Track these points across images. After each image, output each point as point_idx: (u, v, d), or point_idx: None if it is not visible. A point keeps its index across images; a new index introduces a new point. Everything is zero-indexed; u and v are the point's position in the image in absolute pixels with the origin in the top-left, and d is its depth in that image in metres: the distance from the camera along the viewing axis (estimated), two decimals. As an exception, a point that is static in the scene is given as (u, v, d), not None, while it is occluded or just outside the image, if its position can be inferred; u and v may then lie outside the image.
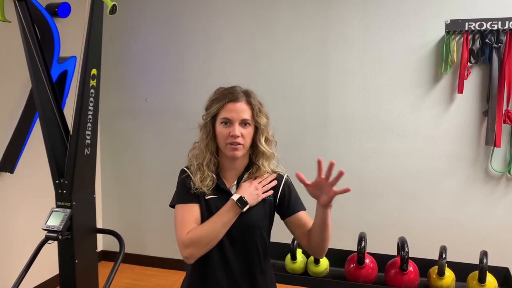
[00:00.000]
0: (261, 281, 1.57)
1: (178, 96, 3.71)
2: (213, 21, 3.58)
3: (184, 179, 1.56)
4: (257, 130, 1.55)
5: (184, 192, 1.54)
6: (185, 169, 1.58)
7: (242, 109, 1.49)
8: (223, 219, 1.47)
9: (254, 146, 1.57)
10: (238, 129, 1.48)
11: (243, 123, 1.50)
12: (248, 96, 1.53)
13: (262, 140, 1.56)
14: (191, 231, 1.46)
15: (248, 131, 1.51)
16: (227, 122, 1.49)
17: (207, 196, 1.52)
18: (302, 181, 1.42)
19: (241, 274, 1.53)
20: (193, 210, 1.51)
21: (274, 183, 1.58)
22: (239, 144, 1.49)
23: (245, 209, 1.48)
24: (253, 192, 1.51)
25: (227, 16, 3.54)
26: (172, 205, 1.56)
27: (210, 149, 1.54)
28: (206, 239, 1.45)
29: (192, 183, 1.52)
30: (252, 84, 1.63)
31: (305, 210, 1.61)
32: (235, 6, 3.51)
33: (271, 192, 1.56)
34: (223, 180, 1.56)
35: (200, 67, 3.64)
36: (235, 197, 1.48)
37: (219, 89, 1.56)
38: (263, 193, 1.54)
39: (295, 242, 2.83)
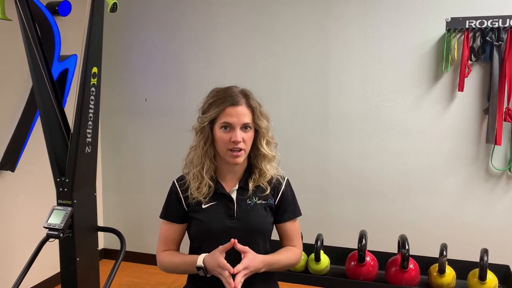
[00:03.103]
0: (264, 280, 1.57)
1: (179, 95, 3.70)
2: (213, 20, 3.57)
3: (172, 195, 1.56)
4: (257, 133, 1.51)
5: (169, 209, 1.56)
6: (175, 182, 1.56)
7: (243, 113, 1.45)
8: (184, 269, 1.51)
9: (255, 149, 1.53)
10: (239, 134, 1.44)
11: (244, 127, 1.46)
12: (247, 98, 1.49)
13: (264, 143, 1.53)
14: (162, 256, 1.56)
15: (249, 135, 1.48)
16: (228, 126, 1.45)
17: (204, 205, 1.50)
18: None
19: None
20: (171, 230, 1.56)
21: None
22: (240, 150, 1.45)
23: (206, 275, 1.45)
24: (222, 273, 1.37)
25: (227, 15, 3.54)
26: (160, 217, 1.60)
27: (209, 155, 1.50)
28: (169, 271, 1.57)
29: (189, 193, 1.51)
30: (252, 82, 1.62)
31: (297, 216, 1.61)
32: (235, 5, 3.51)
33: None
34: (222, 185, 1.53)
35: (200, 65, 3.64)
36: (200, 262, 1.42)
37: (215, 90, 1.51)
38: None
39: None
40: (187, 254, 1.55)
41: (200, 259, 1.43)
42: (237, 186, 1.53)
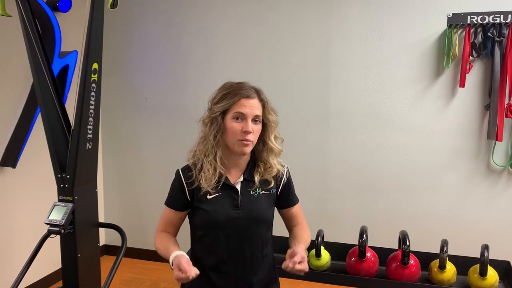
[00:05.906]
0: (265, 266, 1.62)
1: (180, 92, 3.70)
2: (214, 17, 3.57)
3: (176, 184, 1.59)
4: (265, 127, 1.56)
5: (172, 196, 1.60)
6: (180, 172, 1.58)
7: (255, 106, 1.50)
8: (165, 257, 1.55)
9: (262, 143, 1.58)
10: (251, 125, 1.49)
11: (255, 119, 1.51)
12: (258, 93, 1.54)
13: (272, 137, 1.57)
14: (158, 235, 1.62)
15: (258, 128, 1.53)
16: (240, 117, 1.49)
17: (209, 196, 1.53)
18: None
19: (246, 262, 1.56)
20: (172, 216, 1.60)
21: None
22: (249, 140, 1.50)
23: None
24: (184, 268, 1.38)
25: (228, 11, 3.53)
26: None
27: (221, 144, 1.53)
28: (157, 251, 1.60)
29: (198, 183, 1.53)
30: (253, 79, 1.62)
31: (298, 201, 1.70)
32: (235, 3, 3.50)
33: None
34: (227, 176, 1.56)
35: (201, 62, 3.64)
36: (171, 259, 1.47)
37: (228, 83, 1.56)
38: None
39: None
40: (174, 242, 1.59)
41: (172, 256, 1.47)
42: (241, 178, 1.57)
